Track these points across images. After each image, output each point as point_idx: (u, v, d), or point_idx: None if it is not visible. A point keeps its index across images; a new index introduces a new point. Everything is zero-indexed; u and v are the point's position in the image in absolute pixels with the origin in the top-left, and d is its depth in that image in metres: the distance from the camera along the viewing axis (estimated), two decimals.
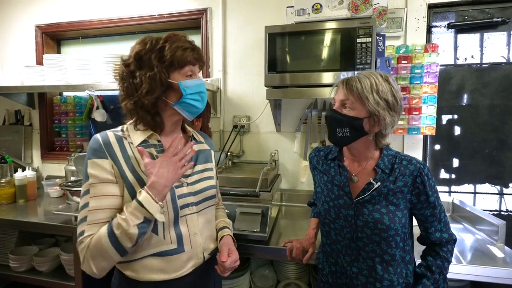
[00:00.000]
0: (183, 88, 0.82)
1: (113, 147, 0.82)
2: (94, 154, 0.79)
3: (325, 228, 0.99)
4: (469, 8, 1.63)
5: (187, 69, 0.84)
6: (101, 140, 0.81)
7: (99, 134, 0.84)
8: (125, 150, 0.83)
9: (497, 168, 1.66)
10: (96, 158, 0.79)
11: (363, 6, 1.31)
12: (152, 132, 0.87)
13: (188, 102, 0.84)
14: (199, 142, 1.01)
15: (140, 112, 0.83)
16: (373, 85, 0.82)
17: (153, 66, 0.80)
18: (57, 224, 1.46)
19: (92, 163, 0.79)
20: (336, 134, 0.88)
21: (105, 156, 0.80)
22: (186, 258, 0.86)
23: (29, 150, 2.28)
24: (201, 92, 0.88)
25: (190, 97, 0.84)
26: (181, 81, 0.83)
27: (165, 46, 0.81)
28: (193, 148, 0.95)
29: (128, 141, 0.84)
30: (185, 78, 0.84)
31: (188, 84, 0.84)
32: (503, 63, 1.62)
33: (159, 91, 0.81)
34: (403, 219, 0.86)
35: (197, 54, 0.86)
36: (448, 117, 1.71)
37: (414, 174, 0.85)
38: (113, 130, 0.87)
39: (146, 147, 0.85)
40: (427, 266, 0.90)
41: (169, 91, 0.83)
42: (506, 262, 1.11)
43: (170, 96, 0.84)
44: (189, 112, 0.87)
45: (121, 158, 0.81)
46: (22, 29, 2.24)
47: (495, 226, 1.27)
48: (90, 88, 1.72)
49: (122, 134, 0.85)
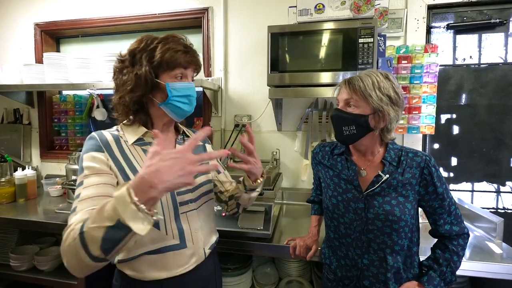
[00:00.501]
0: (170, 89, 0.83)
1: (110, 145, 0.82)
2: (91, 148, 0.79)
3: (333, 222, 1.00)
4: (467, 9, 1.66)
5: (177, 72, 0.84)
6: (98, 137, 0.82)
7: (95, 132, 0.84)
8: (122, 148, 0.83)
9: (494, 167, 1.69)
10: (92, 151, 0.79)
11: (365, 6, 1.33)
12: (147, 130, 0.87)
13: (174, 103, 0.85)
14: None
15: (122, 108, 0.85)
16: (375, 83, 0.85)
17: (142, 65, 0.81)
18: (58, 223, 1.46)
19: (88, 156, 0.78)
20: (343, 133, 0.90)
21: (101, 149, 0.80)
22: (189, 254, 0.87)
23: (28, 149, 2.27)
24: (189, 95, 0.87)
25: (177, 99, 0.85)
26: (169, 83, 0.83)
27: (157, 47, 0.82)
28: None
29: (123, 140, 0.85)
30: (173, 80, 0.84)
31: (175, 86, 0.84)
32: (500, 64, 1.65)
33: (143, 90, 0.82)
34: (412, 211, 0.88)
35: (190, 57, 0.85)
36: (447, 116, 1.74)
37: (421, 166, 0.87)
38: (109, 130, 0.87)
39: (142, 145, 0.86)
40: (434, 258, 0.92)
41: (156, 91, 0.84)
42: (503, 258, 1.13)
43: (157, 96, 0.85)
44: (176, 113, 0.88)
45: (119, 156, 0.81)
46: (21, 27, 2.22)
47: (493, 223, 1.30)
48: (91, 87, 1.72)
49: (118, 133, 0.86)
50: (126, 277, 0.84)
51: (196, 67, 0.90)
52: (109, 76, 1.70)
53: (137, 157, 0.84)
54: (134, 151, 0.84)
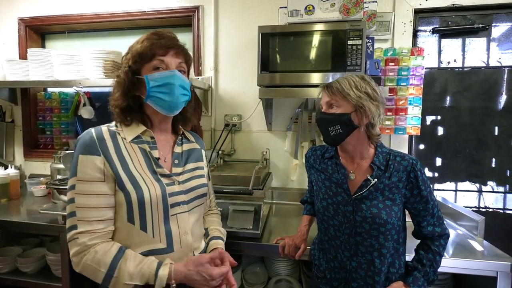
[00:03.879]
0: (148, 81, 0.82)
1: (106, 143, 0.80)
2: (86, 150, 0.78)
3: (323, 224, 1.02)
4: (452, 14, 1.71)
5: (156, 62, 0.82)
6: (95, 136, 0.80)
7: (93, 128, 0.83)
8: (118, 146, 0.82)
9: (477, 167, 1.75)
10: (88, 154, 0.78)
11: (354, 9, 1.35)
12: (146, 129, 0.86)
13: (154, 95, 0.82)
14: (190, 141, 1.01)
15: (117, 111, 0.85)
16: (351, 83, 0.90)
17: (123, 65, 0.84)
18: (42, 224, 1.42)
19: (82, 159, 0.77)
20: (330, 133, 0.92)
21: (98, 152, 0.78)
22: (177, 257, 0.84)
23: (11, 148, 2.20)
24: (169, 83, 0.82)
25: (156, 90, 0.82)
26: (147, 75, 0.82)
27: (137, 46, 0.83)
28: (183, 148, 0.96)
29: (121, 136, 0.84)
30: (152, 71, 0.83)
31: (153, 77, 0.81)
32: (483, 67, 1.71)
33: (122, 88, 0.83)
34: (398, 213, 0.91)
35: (165, 41, 0.82)
36: (432, 118, 1.79)
37: (408, 170, 0.90)
38: (108, 125, 0.86)
39: (139, 143, 0.85)
40: (418, 259, 0.95)
41: (140, 87, 0.84)
42: (484, 255, 1.17)
43: (142, 92, 0.84)
44: (160, 106, 0.84)
45: (114, 155, 0.80)
46: (5, 21, 2.15)
47: (475, 221, 1.34)
48: (78, 84, 1.68)
49: (116, 129, 0.85)
50: None
51: (178, 51, 0.85)
52: (96, 73, 1.67)
53: (133, 155, 0.82)
54: (131, 149, 0.83)
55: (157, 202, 0.81)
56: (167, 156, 0.91)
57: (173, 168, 0.90)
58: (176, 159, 0.91)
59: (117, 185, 0.79)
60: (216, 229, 1.04)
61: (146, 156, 0.84)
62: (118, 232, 0.81)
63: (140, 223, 0.80)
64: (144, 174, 0.82)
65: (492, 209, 1.76)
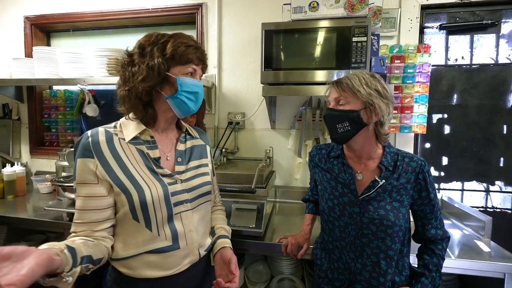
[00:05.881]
0: (180, 83, 0.83)
1: (100, 146, 0.80)
2: (82, 153, 0.79)
3: (328, 225, 1.00)
4: (460, 10, 1.67)
5: (189, 68, 0.85)
6: (90, 138, 0.80)
7: (90, 131, 0.83)
8: (114, 148, 0.82)
9: (484, 166, 1.72)
10: (84, 157, 0.78)
11: (359, 5, 1.33)
12: (145, 128, 0.86)
13: (181, 98, 0.84)
14: (194, 137, 1.01)
15: (132, 99, 0.82)
16: (362, 80, 0.88)
17: (154, 56, 0.81)
18: (48, 220, 1.44)
19: (79, 162, 0.78)
20: (337, 130, 0.90)
21: (91, 155, 0.79)
22: (183, 255, 0.86)
23: (17, 145, 2.22)
24: (197, 93, 0.88)
25: (185, 94, 0.84)
26: (180, 77, 0.83)
27: (169, 41, 0.82)
28: (187, 145, 0.96)
29: (119, 137, 0.84)
30: (184, 75, 0.85)
31: (185, 81, 0.84)
32: (491, 65, 1.67)
33: (154, 81, 0.81)
34: (406, 215, 0.90)
35: (200, 54, 0.86)
36: (439, 116, 1.75)
37: (416, 171, 0.88)
38: (105, 127, 0.85)
39: (137, 144, 0.84)
40: (424, 265, 0.93)
41: (166, 84, 0.83)
42: (491, 256, 1.15)
43: (165, 89, 0.84)
44: (180, 109, 0.87)
45: (109, 157, 0.80)
46: (11, 20, 2.17)
47: (482, 222, 1.32)
48: (82, 82, 1.69)
49: (114, 131, 0.84)
50: (119, 274, 0.84)
51: (204, 66, 0.91)
52: (100, 71, 1.67)
53: (130, 156, 0.82)
54: (128, 149, 0.83)
55: (160, 202, 0.82)
56: (169, 154, 0.91)
57: (176, 166, 0.89)
58: (179, 157, 0.91)
59: (117, 187, 0.79)
60: (222, 227, 1.04)
61: (144, 157, 0.84)
62: (125, 229, 0.82)
63: (145, 222, 0.81)
64: (144, 174, 0.82)
65: (499, 209, 1.73)
